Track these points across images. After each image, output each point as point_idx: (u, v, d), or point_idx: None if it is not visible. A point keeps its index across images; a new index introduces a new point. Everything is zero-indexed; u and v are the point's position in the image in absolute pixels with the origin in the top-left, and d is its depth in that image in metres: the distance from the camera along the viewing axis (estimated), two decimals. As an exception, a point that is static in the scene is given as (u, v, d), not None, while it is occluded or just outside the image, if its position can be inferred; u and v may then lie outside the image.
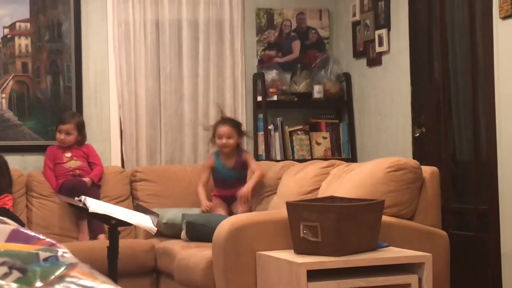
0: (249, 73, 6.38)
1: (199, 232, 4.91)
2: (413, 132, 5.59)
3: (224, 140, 5.54)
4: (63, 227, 5.56)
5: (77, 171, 5.66)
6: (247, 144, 6.17)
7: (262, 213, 4.47)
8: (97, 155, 5.80)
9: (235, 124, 5.67)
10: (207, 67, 6.27)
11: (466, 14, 5.17)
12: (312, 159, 6.07)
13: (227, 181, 5.61)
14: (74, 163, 5.68)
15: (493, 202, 4.73)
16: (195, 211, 5.47)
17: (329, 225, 3.71)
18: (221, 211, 5.48)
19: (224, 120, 5.70)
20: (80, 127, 5.76)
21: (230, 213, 5.41)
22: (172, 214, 5.37)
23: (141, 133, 6.13)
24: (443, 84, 5.43)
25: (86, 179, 5.60)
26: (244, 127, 5.91)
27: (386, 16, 5.86)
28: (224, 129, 5.57)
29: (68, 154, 5.70)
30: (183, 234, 5.05)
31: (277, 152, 6.25)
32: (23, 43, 5.96)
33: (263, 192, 5.55)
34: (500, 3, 4.61)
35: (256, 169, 5.57)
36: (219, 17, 6.31)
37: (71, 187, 5.42)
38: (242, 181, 5.59)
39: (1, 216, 1.90)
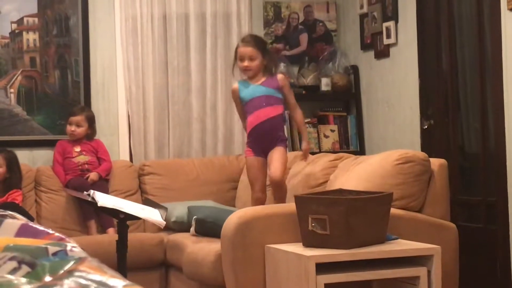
0: (257, 66, 6.36)
1: (209, 229, 4.87)
2: (421, 124, 5.58)
3: (246, 63, 4.73)
4: (72, 221, 5.58)
5: (86, 166, 5.67)
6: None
7: (270, 206, 4.47)
8: (106, 151, 5.81)
9: (259, 43, 4.82)
10: (215, 60, 6.27)
11: (473, 6, 5.15)
12: (320, 152, 6.07)
13: (255, 101, 4.73)
14: (83, 158, 5.69)
15: (501, 194, 4.72)
16: (201, 203, 5.45)
17: (338, 218, 3.71)
18: (257, 182, 4.76)
19: (245, 39, 4.89)
20: (90, 120, 5.78)
21: (266, 164, 4.74)
22: (180, 211, 5.34)
23: (149, 127, 6.14)
24: (451, 76, 5.41)
25: (94, 173, 5.61)
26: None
27: (394, 8, 5.84)
28: (245, 49, 4.75)
29: (78, 149, 5.71)
30: (192, 230, 5.03)
31: (285, 145, 6.24)
32: (31, 38, 5.98)
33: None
34: (508, -6, 4.59)
35: (295, 106, 4.86)
36: (226, 10, 6.31)
37: (76, 187, 5.41)
38: (276, 100, 4.73)
39: (10, 210, 1.92)
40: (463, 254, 4.47)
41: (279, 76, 4.81)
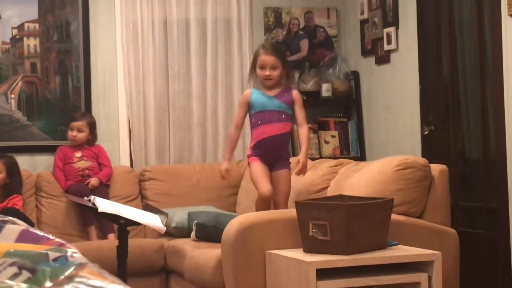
0: (257, 72, 6.37)
1: (210, 233, 4.87)
2: (422, 130, 5.58)
3: (267, 72, 4.65)
4: (73, 227, 5.58)
5: (87, 171, 5.67)
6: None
7: (271, 212, 4.47)
8: (106, 156, 5.82)
9: (280, 52, 4.79)
10: (215, 66, 6.27)
11: (474, 11, 5.16)
12: (321, 157, 6.07)
13: (266, 114, 4.66)
14: (83, 163, 5.69)
15: (502, 200, 4.72)
16: (201, 209, 5.45)
17: (338, 223, 3.71)
18: (263, 179, 4.59)
19: (266, 47, 4.79)
20: (92, 126, 5.78)
21: (269, 178, 4.63)
22: (181, 217, 5.34)
23: (150, 133, 6.14)
24: (451, 81, 5.42)
25: (94, 179, 5.61)
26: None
27: (394, 14, 5.85)
28: (267, 58, 4.65)
29: (78, 154, 5.71)
30: (192, 235, 5.03)
31: (285, 150, 6.24)
32: (31, 43, 5.98)
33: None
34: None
35: (303, 123, 4.72)
36: (227, 16, 6.31)
37: (76, 192, 5.41)
38: (287, 117, 4.69)
39: (11, 216, 1.91)
40: (464, 260, 4.47)
41: (295, 93, 4.75)
